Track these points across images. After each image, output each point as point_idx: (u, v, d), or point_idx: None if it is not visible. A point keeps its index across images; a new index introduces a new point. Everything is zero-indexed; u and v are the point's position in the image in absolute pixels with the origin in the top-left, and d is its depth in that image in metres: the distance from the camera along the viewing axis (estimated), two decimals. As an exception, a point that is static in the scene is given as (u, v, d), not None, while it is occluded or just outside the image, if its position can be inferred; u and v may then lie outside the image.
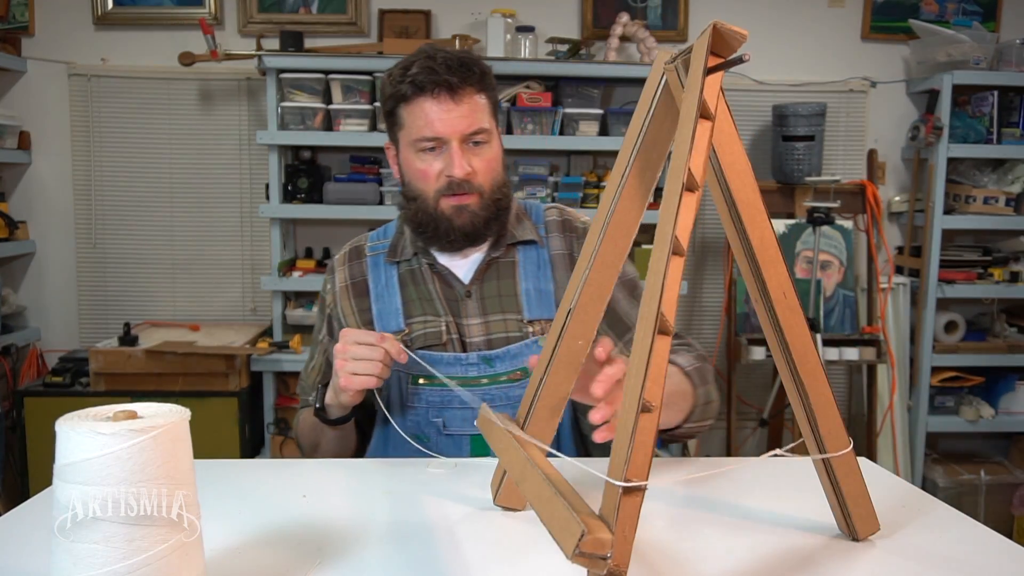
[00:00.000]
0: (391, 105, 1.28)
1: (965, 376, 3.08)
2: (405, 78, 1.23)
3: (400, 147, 1.31)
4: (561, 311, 0.89)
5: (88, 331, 3.06)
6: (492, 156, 1.28)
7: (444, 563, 0.84)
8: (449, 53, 1.25)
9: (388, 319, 1.32)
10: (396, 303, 1.32)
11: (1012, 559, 0.86)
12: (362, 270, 1.38)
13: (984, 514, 2.97)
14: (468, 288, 1.32)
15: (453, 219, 1.26)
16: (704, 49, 0.71)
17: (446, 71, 1.22)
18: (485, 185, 1.27)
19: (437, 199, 1.26)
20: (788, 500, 1.02)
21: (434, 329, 1.29)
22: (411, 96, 1.24)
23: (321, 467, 1.18)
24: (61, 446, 0.65)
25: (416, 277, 1.35)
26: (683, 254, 0.67)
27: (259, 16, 2.98)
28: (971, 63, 2.92)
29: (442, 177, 1.25)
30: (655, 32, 2.96)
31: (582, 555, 0.60)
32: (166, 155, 3.03)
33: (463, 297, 1.32)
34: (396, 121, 1.29)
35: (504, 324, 1.30)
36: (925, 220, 3.03)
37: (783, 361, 0.83)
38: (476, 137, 1.25)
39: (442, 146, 1.25)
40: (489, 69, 1.29)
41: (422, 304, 1.32)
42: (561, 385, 0.91)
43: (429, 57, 1.24)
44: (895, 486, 1.10)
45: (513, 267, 1.34)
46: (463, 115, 1.23)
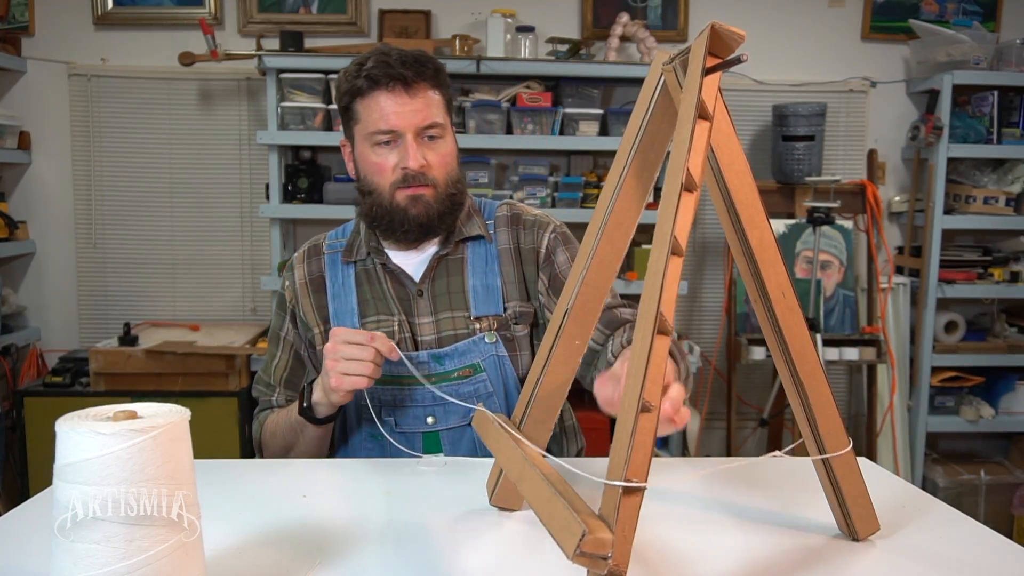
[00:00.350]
0: (346, 100, 1.29)
1: (965, 376, 3.08)
2: (360, 73, 1.25)
3: (355, 142, 1.32)
4: (558, 311, 0.89)
5: (88, 331, 3.06)
6: (446, 151, 1.30)
7: (443, 563, 0.84)
8: (403, 50, 1.27)
9: (343, 318, 1.34)
10: (352, 302, 1.34)
11: (1012, 559, 0.86)
12: (320, 267, 1.39)
13: (984, 514, 2.97)
14: (420, 287, 1.34)
15: (408, 210, 1.28)
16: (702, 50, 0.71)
17: (400, 65, 1.24)
18: (439, 178, 1.29)
19: (392, 191, 1.28)
20: (788, 500, 1.02)
21: (387, 329, 1.30)
22: (366, 90, 1.25)
23: (321, 467, 1.18)
24: (61, 446, 0.65)
25: (371, 277, 1.36)
26: (682, 254, 0.67)
27: (259, 16, 2.98)
28: (971, 63, 2.92)
29: (397, 169, 1.27)
30: (655, 32, 2.96)
31: (583, 555, 0.60)
32: (166, 155, 3.03)
33: (415, 296, 1.33)
34: (351, 116, 1.30)
35: (452, 322, 1.32)
36: (925, 220, 3.03)
37: (782, 361, 0.83)
38: (430, 131, 1.27)
39: (397, 139, 1.26)
40: (443, 67, 1.31)
41: (376, 304, 1.34)
42: (558, 385, 0.90)
43: (384, 53, 1.26)
44: (895, 486, 1.10)
45: (462, 264, 1.36)
46: (417, 109, 1.25)
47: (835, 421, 0.84)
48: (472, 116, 2.77)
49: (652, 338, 0.65)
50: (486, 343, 1.30)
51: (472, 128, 2.78)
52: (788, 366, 0.83)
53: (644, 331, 0.66)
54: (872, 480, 1.11)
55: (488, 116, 2.78)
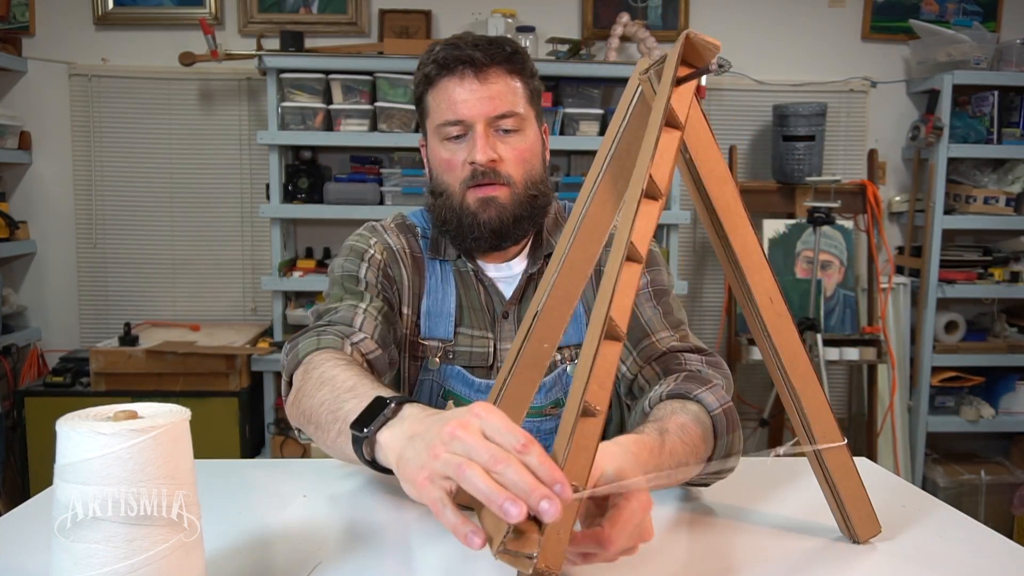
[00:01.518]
0: (419, 92, 1.18)
1: (965, 376, 3.08)
2: (430, 59, 1.15)
3: (428, 139, 1.19)
4: (529, 313, 0.88)
5: (88, 331, 3.06)
6: (525, 146, 1.14)
7: (444, 563, 0.84)
8: (480, 36, 1.15)
9: (438, 321, 1.18)
10: (450, 305, 1.18)
11: (1012, 559, 0.86)
12: (418, 247, 1.21)
13: (984, 514, 2.97)
14: (506, 308, 1.19)
15: (478, 213, 1.12)
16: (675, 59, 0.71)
17: (472, 48, 1.11)
18: (515, 176, 1.13)
19: (463, 191, 1.13)
20: (789, 502, 1.02)
21: (480, 349, 1.17)
22: (435, 78, 1.14)
23: (321, 467, 1.18)
24: (61, 446, 0.65)
25: (467, 282, 1.20)
26: (640, 261, 0.67)
27: (259, 16, 2.99)
28: (971, 63, 2.92)
29: (466, 165, 1.13)
30: (655, 32, 2.96)
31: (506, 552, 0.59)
32: (166, 155, 3.03)
33: (500, 317, 1.19)
34: (423, 110, 1.18)
35: None
36: (925, 220, 3.03)
37: (774, 366, 0.83)
38: (504, 123, 1.12)
39: (466, 131, 1.13)
40: (523, 51, 1.16)
41: (471, 314, 1.19)
42: (524, 387, 0.89)
43: (457, 37, 1.15)
44: (895, 486, 1.10)
45: None
46: (489, 96, 1.11)
47: (829, 421, 0.84)
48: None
49: (599, 342, 0.64)
50: (567, 376, 1.17)
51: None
52: (780, 371, 0.83)
53: (593, 334, 0.65)
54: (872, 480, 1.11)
55: (488, 116, 2.77)
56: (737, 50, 3.04)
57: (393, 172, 2.81)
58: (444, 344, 1.17)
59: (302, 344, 1.04)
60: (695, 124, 0.76)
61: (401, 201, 2.78)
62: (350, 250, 1.20)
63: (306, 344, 1.03)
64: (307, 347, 1.02)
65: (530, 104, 1.16)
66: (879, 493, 1.06)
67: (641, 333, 1.13)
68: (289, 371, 1.04)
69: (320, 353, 1.00)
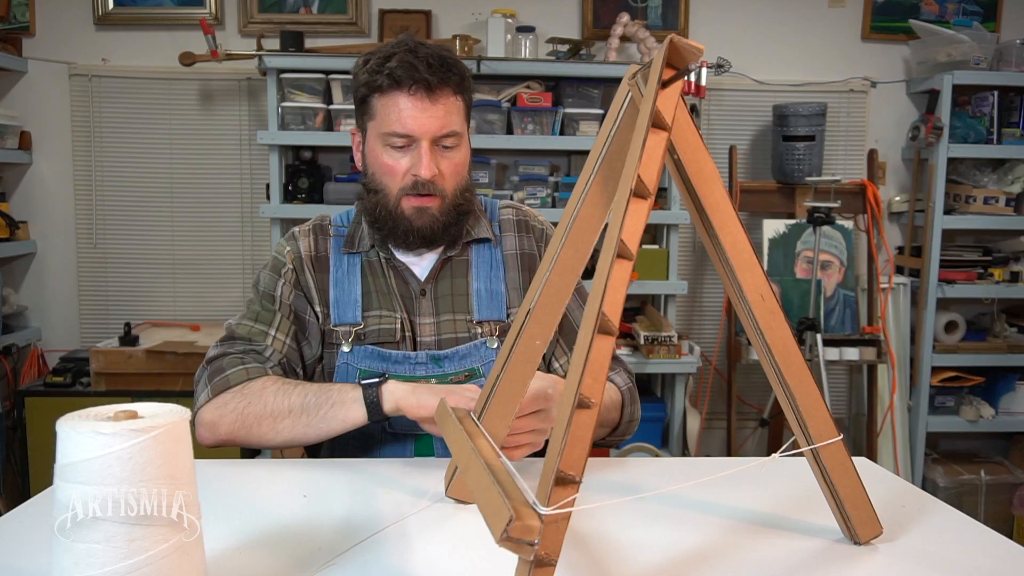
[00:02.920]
0: (363, 92, 1.25)
1: (965, 376, 3.08)
2: (383, 69, 1.21)
3: (367, 136, 1.28)
4: (521, 311, 0.91)
5: (89, 331, 3.06)
6: (460, 160, 1.27)
7: (445, 562, 0.84)
8: (431, 49, 1.22)
9: (345, 308, 1.29)
10: (356, 293, 1.30)
11: (1012, 559, 0.86)
12: (326, 247, 1.34)
13: (984, 514, 2.97)
14: (423, 286, 1.31)
15: (413, 220, 1.25)
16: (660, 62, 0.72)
17: (426, 69, 1.19)
18: (448, 189, 1.25)
19: (400, 197, 1.25)
20: (789, 503, 1.02)
21: (388, 326, 1.28)
22: (387, 88, 1.21)
23: (321, 467, 1.18)
24: (62, 446, 0.65)
25: (375, 270, 1.32)
26: (630, 258, 0.69)
27: (259, 16, 2.99)
28: (971, 63, 2.92)
29: (408, 176, 1.24)
30: (655, 32, 2.96)
31: (509, 539, 0.61)
32: (167, 155, 3.03)
33: (417, 295, 1.31)
34: (367, 110, 1.26)
35: (454, 324, 1.30)
36: (925, 220, 3.03)
37: (768, 363, 0.84)
38: (447, 140, 1.24)
39: (411, 144, 1.23)
40: (468, 72, 1.27)
41: (379, 298, 1.30)
42: (517, 383, 0.92)
43: (410, 51, 1.21)
44: (895, 486, 1.10)
45: (467, 266, 1.34)
46: (437, 116, 1.21)
47: (824, 418, 0.85)
48: (472, 116, 2.76)
49: (592, 336, 0.66)
50: (487, 348, 1.29)
51: (472, 128, 2.78)
52: (773, 368, 0.83)
53: (586, 330, 0.68)
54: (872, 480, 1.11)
55: (488, 116, 2.78)
56: (737, 50, 3.04)
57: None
58: (353, 327, 1.28)
59: (231, 373, 1.21)
60: (682, 125, 0.78)
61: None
62: (272, 263, 1.34)
63: (236, 373, 1.21)
64: (238, 376, 1.21)
65: (465, 119, 1.29)
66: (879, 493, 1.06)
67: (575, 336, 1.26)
68: (217, 390, 1.20)
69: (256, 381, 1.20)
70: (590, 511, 0.96)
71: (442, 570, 0.83)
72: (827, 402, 2.89)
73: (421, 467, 1.16)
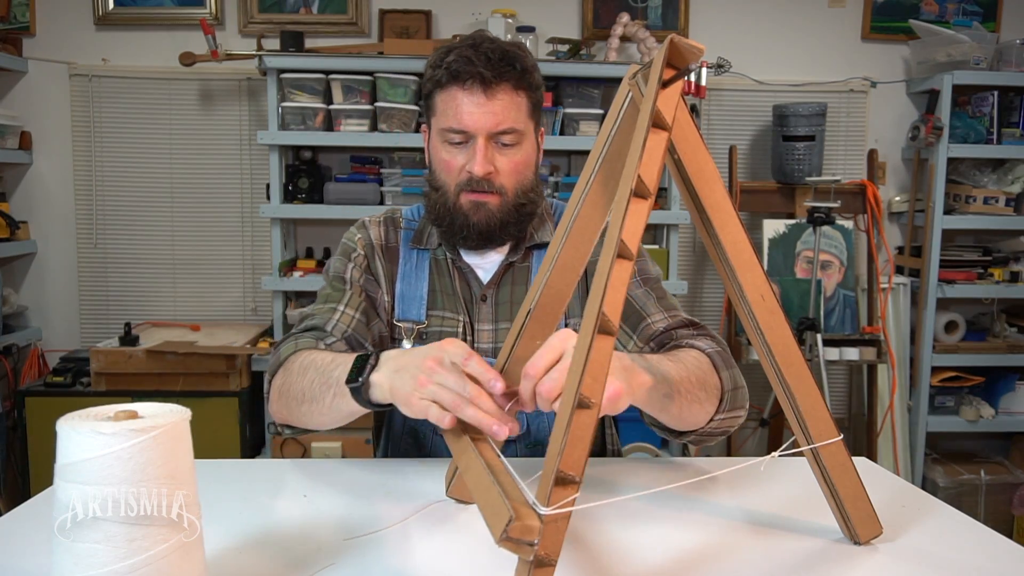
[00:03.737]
0: (428, 89, 1.24)
1: (965, 376, 3.08)
2: (442, 63, 1.19)
3: (431, 133, 1.27)
4: (522, 311, 0.90)
5: (89, 331, 3.06)
6: (520, 159, 1.23)
7: (445, 562, 0.84)
8: (495, 44, 1.19)
9: (410, 304, 1.28)
10: (422, 290, 1.28)
11: (1012, 559, 0.86)
12: (396, 239, 1.33)
13: (984, 514, 2.97)
14: (484, 292, 1.29)
15: (470, 215, 1.22)
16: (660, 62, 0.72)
17: (483, 63, 1.16)
18: (508, 186, 1.22)
19: (457, 193, 1.22)
20: (789, 503, 1.02)
21: (451, 329, 1.27)
22: (445, 83, 1.19)
23: (321, 467, 1.18)
24: (62, 446, 0.65)
25: (441, 268, 1.31)
26: (630, 257, 0.69)
27: (260, 16, 2.99)
28: (971, 63, 2.92)
29: (464, 171, 1.21)
30: (655, 32, 2.96)
31: (508, 539, 0.62)
32: (167, 155, 3.03)
33: (478, 300, 1.29)
34: (430, 106, 1.25)
35: None
36: (925, 220, 3.03)
37: (768, 363, 0.84)
38: (504, 138, 1.20)
39: (468, 140, 1.20)
40: (533, 67, 1.23)
41: (444, 298, 1.28)
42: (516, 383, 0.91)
43: (472, 46, 1.18)
44: (895, 486, 1.10)
45: (528, 273, 1.31)
46: (493, 111, 1.18)
47: (824, 418, 0.85)
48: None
49: (592, 336, 0.66)
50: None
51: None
52: (773, 368, 0.83)
53: (586, 329, 0.68)
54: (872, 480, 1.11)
55: (488, 116, 2.78)
56: (737, 50, 3.04)
57: (393, 172, 2.81)
58: (416, 325, 1.27)
59: (283, 349, 1.19)
60: (682, 125, 0.78)
61: (401, 201, 2.78)
62: (342, 248, 1.33)
63: (285, 348, 1.18)
64: (287, 351, 1.18)
65: (531, 117, 1.24)
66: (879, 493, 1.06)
67: (637, 318, 1.23)
68: (272, 373, 1.19)
69: (300, 354, 1.15)
70: (590, 511, 0.96)
71: (442, 570, 0.83)
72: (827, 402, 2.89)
73: (422, 467, 1.16)
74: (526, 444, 1.27)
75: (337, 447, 2.67)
